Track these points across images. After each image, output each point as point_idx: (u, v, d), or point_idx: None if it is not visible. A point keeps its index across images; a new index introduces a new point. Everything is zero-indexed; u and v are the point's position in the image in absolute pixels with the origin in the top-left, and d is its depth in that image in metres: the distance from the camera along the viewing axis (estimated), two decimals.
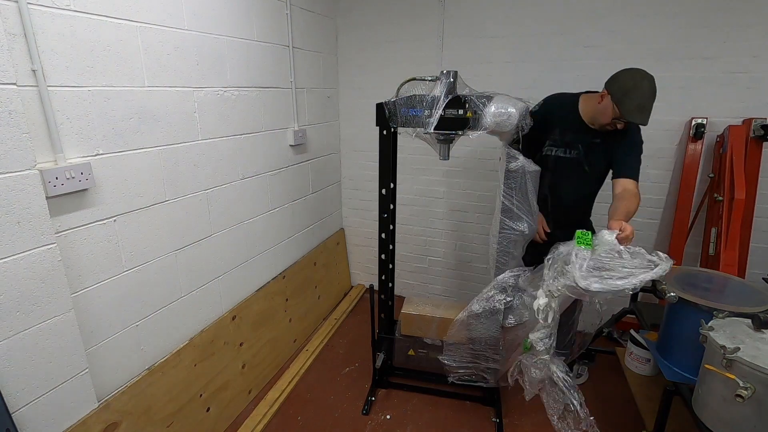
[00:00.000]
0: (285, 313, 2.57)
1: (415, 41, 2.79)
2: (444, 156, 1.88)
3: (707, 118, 2.35)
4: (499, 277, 1.82)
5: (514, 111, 1.63)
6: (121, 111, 1.48)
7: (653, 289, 1.71)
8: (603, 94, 1.78)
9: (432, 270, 3.26)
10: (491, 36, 2.63)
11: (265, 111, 2.26)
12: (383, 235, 2.05)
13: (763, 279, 1.96)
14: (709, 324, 1.40)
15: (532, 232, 1.87)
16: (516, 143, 1.78)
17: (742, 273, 2.33)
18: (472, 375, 2.00)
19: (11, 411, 1.20)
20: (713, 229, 2.33)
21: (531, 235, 1.89)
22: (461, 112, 1.68)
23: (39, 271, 1.23)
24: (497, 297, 1.80)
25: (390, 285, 2.22)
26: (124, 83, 1.48)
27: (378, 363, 2.21)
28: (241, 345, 2.19)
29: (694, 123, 2.36)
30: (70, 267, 1.36)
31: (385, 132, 1.88)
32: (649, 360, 1.92)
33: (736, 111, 2.31)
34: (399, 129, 1.85)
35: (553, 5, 2.46)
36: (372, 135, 2.33)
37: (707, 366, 1.33)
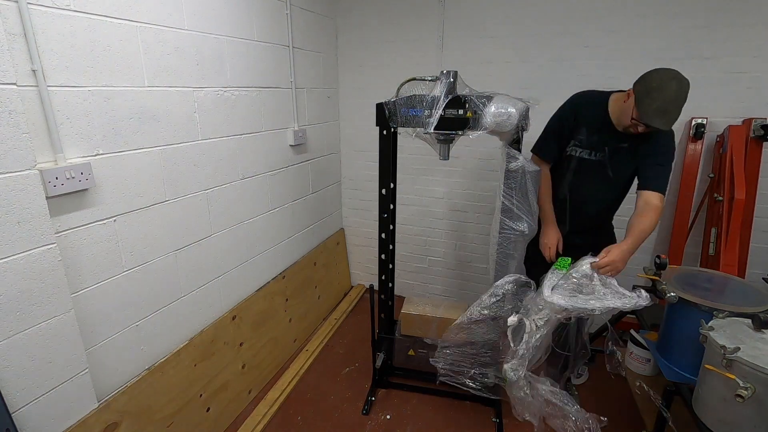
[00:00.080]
0: (285, 313, 2.57)
1: (415, 41, 2.79)
2: (444, 156, 1.88)
3: (707, 118, 2.35)
4: (498, 282, 1.82)
5: (514, 111, 1.63)
6: (121, 111, 1.48)
7: (653, 289, 1.72)
8: (629, 92, 1.65)
9: (432, 270, 3.26)
10: (491, 36, 2.63)
11: (265, 111, 2.26)
12: (383, 235, 2.05)
13: (763, 279, 1.96)
14: (709, 324, 1.41)
15: (531, 232, 1.86)
16: (516, 143, 1.78)
17: (742, 273, 2.33)
18: (463, 378, 1.98)
19: (11, 411, 1.20)
20: (713, 229, 2.33)
21: (531, 236, 1.88)
22: (461, 112, 1.68)
23: (39, 271, 1.23)
24: (495, 303, 1.81)
25: (390, 285, 2.22)
26: (124, 83, 1.48)
27: (378, 363, 2.21)
28: (241, 345, 2.19)
29: (694, 123, 2.36)
30: (70, 267, 1.36)
31: (385, 132, 1.87)
32: (650, 360, 1.92)
33: (736, 111, 2.31)
34: (399, 129, 1.85)
35: (553, 5, 2.46)
36: (372, 135, 2.33)
37: (707, 366, 1.33)
